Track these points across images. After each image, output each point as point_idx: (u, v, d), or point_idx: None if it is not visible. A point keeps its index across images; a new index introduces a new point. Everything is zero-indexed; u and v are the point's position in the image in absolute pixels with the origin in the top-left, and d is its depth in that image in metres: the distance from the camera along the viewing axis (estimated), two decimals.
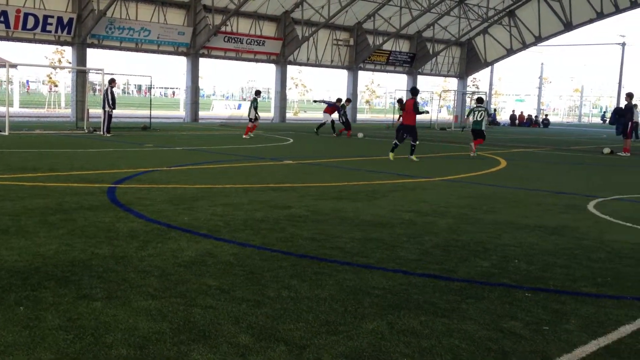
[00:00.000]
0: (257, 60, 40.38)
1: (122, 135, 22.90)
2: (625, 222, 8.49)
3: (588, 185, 12.73)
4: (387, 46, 45.18)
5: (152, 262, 5.68)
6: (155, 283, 5.05)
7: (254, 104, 24.20)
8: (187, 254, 6.02)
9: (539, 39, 48.09)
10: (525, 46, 49.02)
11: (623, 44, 56.17)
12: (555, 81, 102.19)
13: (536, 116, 55.85)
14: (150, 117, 29.00)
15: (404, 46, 47.19)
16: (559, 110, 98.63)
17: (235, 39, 37.12)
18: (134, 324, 4.13)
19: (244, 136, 23.82)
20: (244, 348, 3.80)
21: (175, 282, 5.11)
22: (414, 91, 17.39)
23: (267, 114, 43.46)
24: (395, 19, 42.17)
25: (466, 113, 22.33)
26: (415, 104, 16.96)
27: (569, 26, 45.72)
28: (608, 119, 42.58)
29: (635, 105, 25.85)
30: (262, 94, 27.29)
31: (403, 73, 48.48)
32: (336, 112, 27.48)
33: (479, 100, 20.16)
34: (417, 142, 17.17)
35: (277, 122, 38.75)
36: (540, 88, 68.16)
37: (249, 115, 24.50)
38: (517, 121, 51.60)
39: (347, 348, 3.87)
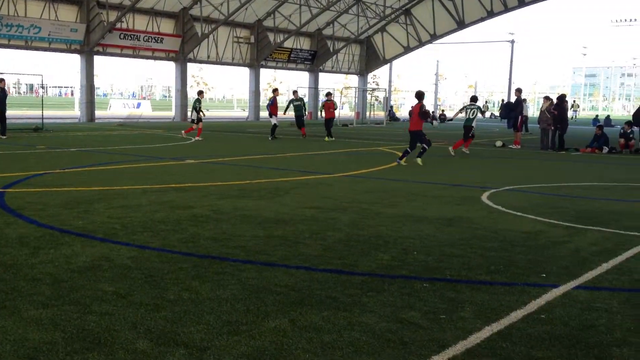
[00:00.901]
0: (155, 58, 39.41)
1: (13, 137, 21.74)
2: (516, 212, 8.90)
3: (482, 178, 13.25)
4: (288, 44, 45.26)
5: (43, 269, 5.42)
6: (47, 291, 4.81)
7: (196, 105, 23.56)
8: (82, 259, 5.78)
9: (434, 37, 49.61)
10: (421, 44, 50.43)
11: (512, 42, 58.87)
12: (451, 77, 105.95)
13: (433, 112, 57.69)
14: (43, 118, 27.68)
15: (305, 44, 47.44)
16: (455, 106, 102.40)
17: (132, 36, 36.05)
18: (23, 334, 3.92)
19: (183, 133, 23.18)
20: (141, 354, 3.69)
21: (68, 289, 4.89)
22: (419, 95, 16.02)
23: (168, 113, 42.46)
24: (295, 17, 42.31)
25: (458, 109, 22.02)
26: (422, 109, 15.64)
27: (461, 24, 47.42)
28: (499, 114, 44.53)
29: (524, 100, 27.19)
30: (202, 94, 25.42)
31: (305, 70, 48.74)
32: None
33: (473, 99, 20.13)
34: (428, 147, 15.96)
35: (178, 121, 37.97)
36: (436, 84, 70.40)
37: (190, 117, 23.79)
38: None
39: (249, 348, 3.83)
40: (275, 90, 25.81)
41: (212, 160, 15.34)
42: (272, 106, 24.40)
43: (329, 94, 26.27)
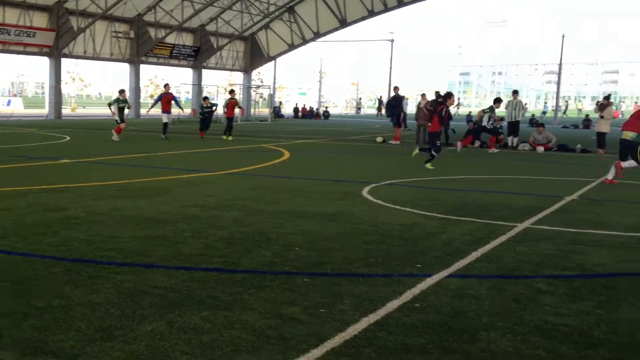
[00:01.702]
0: (27, 53, 37.29)
1: None
2: (395, 205, 9.18)
3: (363, 173, 13.56)
4: (171, 39, 44.25)
5: None
6: None
7: (119, 103, 22.31)
8: None
9: (317, 35, 50.23)
10: (305, 41, 50.91)
11: (392, 40, 60.69)
12: (335, 75, 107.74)
13: (317, 108, 58.40)
14: None
15: (187, 40, 46.55)
16: (339, 103, 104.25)
17: (1, 30, 33.93)
18: None
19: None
20: None
21: None
22: (447, 95, 15.46)
23: (41, 111, 40.34)
24: (177, 12, 41.39)
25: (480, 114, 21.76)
26: (441, 112, 14.83)
27: (344, 23, 48.34)
28: (384, 111, 45.74)
29: (404, 97, 28.11)
30: (123, 92, 23.96)
31: (188, 67, 47.85)
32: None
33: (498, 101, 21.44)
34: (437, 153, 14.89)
35: (52, 119, 36.15)
36: (320, 82, 71.33)
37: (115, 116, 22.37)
38: (300, 113, 53.52)
39: (123, 353, 3.70)
40: (166, 86, 24.84)
41: (89, 160, 14.73)
42: (163, 102, 23.30)
43: (232, 92, 25.62)
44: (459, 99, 74.04)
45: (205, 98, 25.30)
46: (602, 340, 4.12)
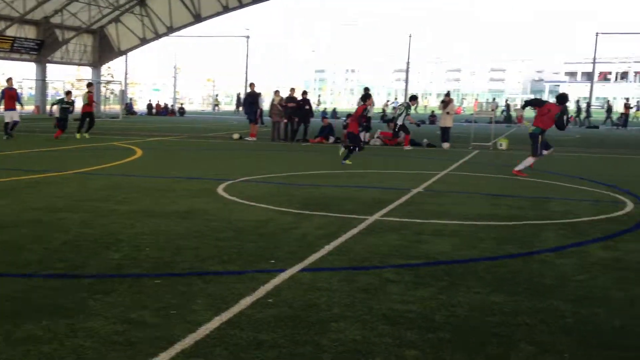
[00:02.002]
0: None
1: None
2: (250, 202, 9.18)
3: (219, 170, 13.44)
4: (11, 32, 41.27)
5: None
6: None
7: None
8: None
9: (171, 30, 49.04)
10: (158, 36, 49.53)
11: (247, 37, 60.60)
12: (190, 71, 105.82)
13: (172, 105, 57.12)
14: None
15: (30, 32, 43.63)
16: (195, 99, 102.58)
17: None
18: None
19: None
20: None
21: None
22: (366, 96, 15.84)
23: None
24: (18, 4, 38.71)
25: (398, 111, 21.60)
26: (363, 113, 15.60)
27: (198, 18, 47.55)
28: (242, 108, 45.56)
29: (260, 94, 28.19)
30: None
31: (31, 61, 44.92)
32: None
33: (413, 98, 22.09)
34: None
35: None
36: (175, 77, 69.79)
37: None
38: (154, 110, 52.05)
39: None
40: (8, 80, 22.65)
41: None
42: (6, 98, 21.38)
43: (90, 85, 23.85)
44: (319, 96, 75.61)
45: (69, 92, 23.28)
46: (442, 324, 4.37)
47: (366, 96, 15.89)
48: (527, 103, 14.74)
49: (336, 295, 4.94)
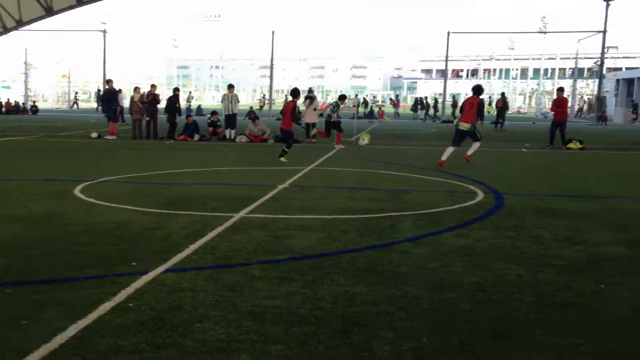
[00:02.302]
0: None
1: None
2: (110, 203, 8.84)
3: (76, 171, 12.81)
4: None
5: None
6: None
7: None
8: None
9: (20, 23, 46.01)
10: (5, 30, 46.30)
11: (104, 31, 58.12)
12: (43, 67, 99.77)
13: (24, 103, 53.72)
14: None
15: None
16: (49, 96, 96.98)
17: None
18: None
19: None
20: None
21: None
22: (295, 92, 15.47)
23: None
24: None
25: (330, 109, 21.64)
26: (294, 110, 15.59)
27: (50, 11, 44.94)
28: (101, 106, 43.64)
29: (120, 90, 27.23)
30: None
31: None
32: None
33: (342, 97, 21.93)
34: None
35: None
36: (26, 74, 65.57)
37: None
38: (3, 109, 48.71)
39: None
40: None
41: None
42: None
43: None
44: (190, 92, 73.93)
45: None
46: (307, 317, 4.44)
47: (295, 93, 15.66)
48: (462, 109, 15.66)
49: (201, 295, 4.87)
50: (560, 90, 22.81)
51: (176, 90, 24.26)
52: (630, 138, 23.54)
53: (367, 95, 59.67)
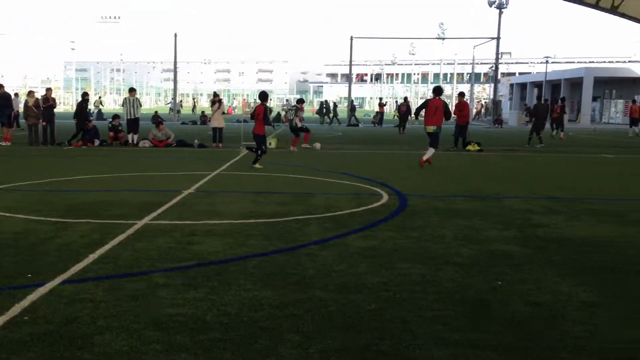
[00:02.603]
0: None
1: None
2: (5, 213, 8.39)
3: None
4: None
5: None
6: None
7: None
8: None
9: None
10: None
11: None
12: None
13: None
14: None
15: None
16: None
17: None
18: None
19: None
20: None
21: None
22: (263, 96, 15.66)
23: None
24: None
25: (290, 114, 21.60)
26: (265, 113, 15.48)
27: None
28: None
29: (17, 94, 25.95)
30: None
31: None
32: None
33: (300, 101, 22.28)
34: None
35: None
36: None
37: None
38: None
39: None
40: None
41: None
42: None
43: None
44: (100, 97, 71.23)
45: None
46: (213, 324, 4.38)
47: (264, 96, 15.80)
48: (417, 111, 16.60)
49: (101, 306, 4.71)
50: (461, 95, 23.77)
51: (85, 95, 23.47)
52: (523, 140, 24.73)
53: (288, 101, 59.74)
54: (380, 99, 56.65)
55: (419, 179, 13.21)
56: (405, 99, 39.46)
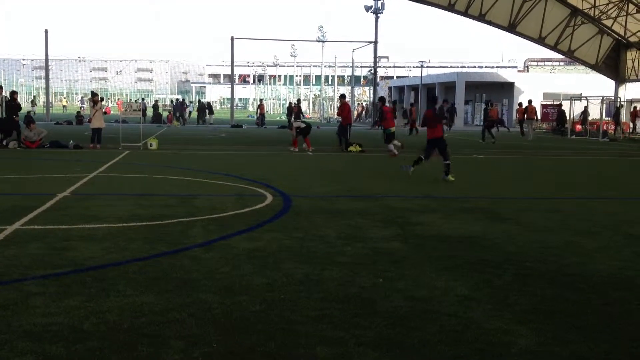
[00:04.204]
0: None
1: None
2: None
3: None
4: None
5: None
6: None
7: None
8: None
9: None
10: None
11: None
12: None
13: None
14: None
15: None
16: None
17: None
18: None
19: None
20: None
21: None
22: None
23: None
24: None
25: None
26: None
27: None
28: None
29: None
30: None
31: None
32: None
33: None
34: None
35: None
36: None
37: None
38: None
39: None
40: None
41: None
42: None
43: None
44: (34, 96, 66.03)
45: None
46: (91, 332, 4.21)
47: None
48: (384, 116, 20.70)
49: None
50: (342, 97, 24.29)
51: (14, 94, 21.83)
52: (405, 141, 25.62)
53: (157, 100, 58.07)
54: (261, 100, 56.67)
55: (302, 180, 13.34)
56: (299, 100, 40.62)
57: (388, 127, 20.66)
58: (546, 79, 57.73)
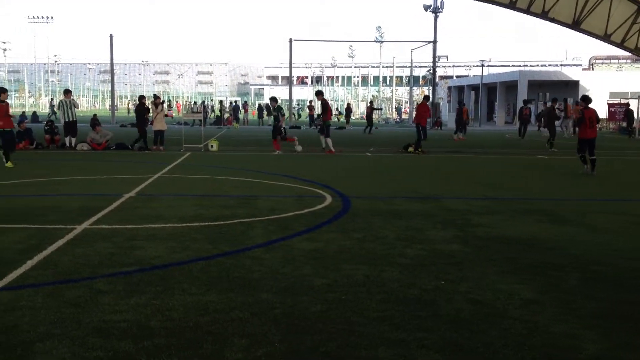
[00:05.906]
0: None
1: None
2: None
3: None
4: None
5: None
6: None
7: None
8: None
9: None
10: None
11: None
12: None
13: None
14: None
15: None
16: None
17: None
18: None
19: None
20: None
21: None
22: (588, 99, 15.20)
23: None
24: None
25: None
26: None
27: None
28: None
29: None
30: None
31: None
32: None
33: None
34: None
35: None
36: None
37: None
38: None
39: None
40: None
41: None
42: None
43: None
44: (52, 99, 68.86)
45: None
46: (157, 329, 4.32)
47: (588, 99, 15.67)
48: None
49: (41, 313, 4.58)
50: (426, 98, 25.23)
51: (142, 98, 22.81)
52: (452, 143, 25.33)
53: (221, 101, 59.09)
54: (311, 101, 56.80)
55: (362, 181, 13.33)
56: (371, 102, 40.93)
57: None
58: (613, 77, 55.96)
